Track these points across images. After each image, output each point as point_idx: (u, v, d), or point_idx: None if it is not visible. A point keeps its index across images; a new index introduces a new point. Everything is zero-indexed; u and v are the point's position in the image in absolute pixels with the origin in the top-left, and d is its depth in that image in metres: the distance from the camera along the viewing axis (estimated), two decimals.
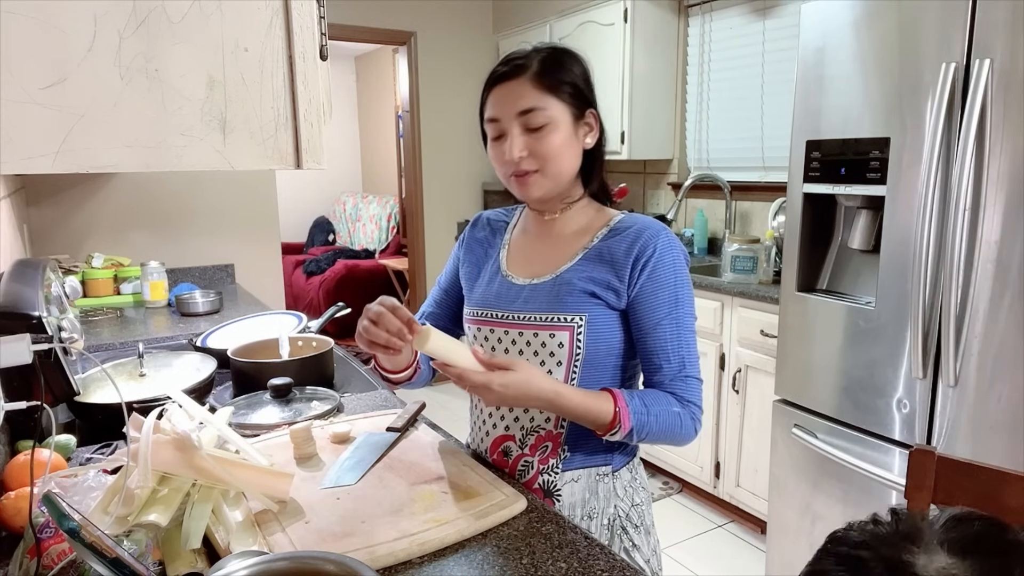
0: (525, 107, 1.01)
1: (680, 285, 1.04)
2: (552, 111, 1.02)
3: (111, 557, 0.66)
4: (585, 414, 0.99)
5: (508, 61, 1.04)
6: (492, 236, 1.21)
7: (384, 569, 0.81)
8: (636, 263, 1.03)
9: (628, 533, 1.08)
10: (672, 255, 1.04)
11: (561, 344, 1.04)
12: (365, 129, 6.94)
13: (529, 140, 1.02)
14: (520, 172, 1.04)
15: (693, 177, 3.22)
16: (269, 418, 1.24)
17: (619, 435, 0.99)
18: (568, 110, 1.03)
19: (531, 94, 1.01)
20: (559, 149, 1.03)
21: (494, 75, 1.04)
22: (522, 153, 1.02)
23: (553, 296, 1.05)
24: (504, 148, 1.03)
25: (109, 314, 2.36)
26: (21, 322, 0.96)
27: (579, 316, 1.03)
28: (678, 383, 1.03)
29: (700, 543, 2.60)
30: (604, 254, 1.05)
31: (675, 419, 1.01)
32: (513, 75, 1.02)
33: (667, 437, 1.02)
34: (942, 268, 1.60)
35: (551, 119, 1.02)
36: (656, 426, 1.00)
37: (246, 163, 0.90)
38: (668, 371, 1.04)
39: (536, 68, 1.02)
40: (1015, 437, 1.53)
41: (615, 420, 0.98)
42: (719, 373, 2.65)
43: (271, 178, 3.14)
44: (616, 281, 1.03)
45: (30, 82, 0.77)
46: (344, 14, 3.96)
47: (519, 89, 1.01)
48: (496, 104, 1.04)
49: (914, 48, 1.64)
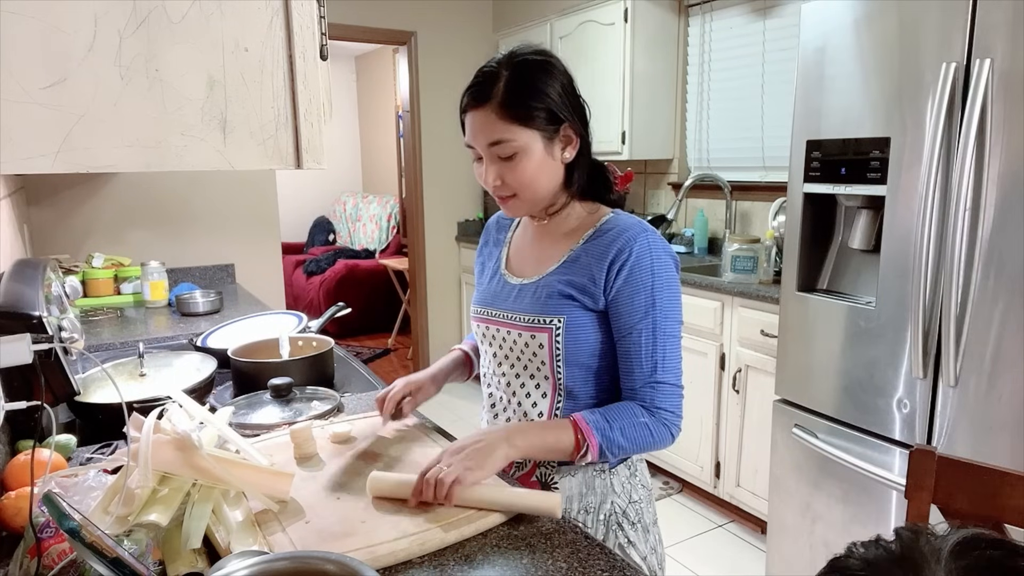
0: (492, 139, 1.00)
1: (659, 288, 1.02)
2: (520, 140, 0.99)
3: (111, 557, 0.66)
4: (545, 442, 0.99)
5: (474, 86, 1.02)
6: (498, 235, 1.24)
7: (384, 569, 0.81)
8: (612, 266, 1.02)
9: (624, 529, 1.09)
10: (651, 257, 1.02)
11: (541, 345, 1.05)
12: (365, 129, 6.94)
13: (501, 168, 1.02)
14: (499, 195, 1.06)
15: (693, 177, 3.22)
16: (269, 418, 1.24)
17: (590, 456, 0.99)
18: (539, 135, 1.00)
19: (497, 126, 0.99)
20: (532, 175, 1.02)
21: (463, 102, 1.04)
22: (496, 182, 1.03)
23: (535, 298, 1.07)
24: (482, 171, 1.05)
25: (109, 314, 2.36)
26: (21, 322, 0.96)
27: (557, 318, 1.03)
28: (647, 389, 1.02)
29: (700, 543, 2.60)
30: (582, 257, 1.05)
31: (643, 429, 1.00)
32: (479, 104, 1.00)
33: (640, 448, 1.02)
34: (942, 268, 1.59)
35: (519, 148, 1.00)
36: (624, 439, 0.99)
37: (246, 163, 0.90)
38: (639, 376, 1.02)
39: (501, 96, 0.98)
40: (1015, 437, 1.52)
41: (579, 442, 0.98)
42: (719, 373, 2.65)
43: (271, 178, 3.14)
44: (591, 284, 1.03)
45: (30, 82, 0.77)
46: (344, 14, 3.96)
47: (486, 120, 1.00)
48: (469, 131, 1.04)
49: (914, 48, 1.64)
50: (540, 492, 0.96)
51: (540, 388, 1.09)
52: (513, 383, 1.12)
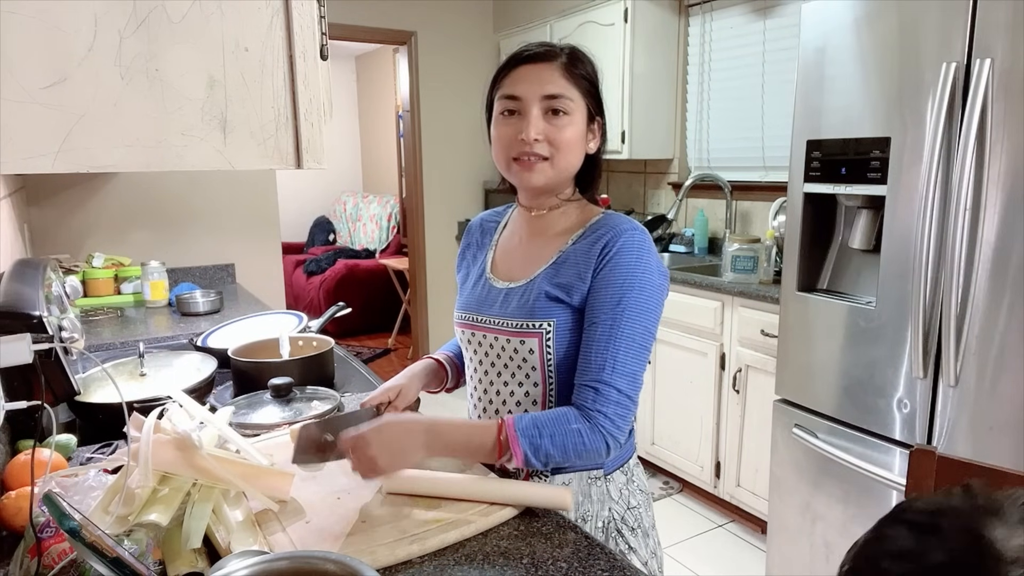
0: (553, 92, 1.00)
1: (630, 288, 0.97)
2: (575, 103, 1.02)
3: (112, 557, 0.66)
4: (466, 441, 0.96)
5: (535, 45, 1.04)
6: (482, 238, 1.21)
7: (384, 569, 0.81)
8: (596, 261, 1.00)
9: (624, 536, 1.07)
10: (632, 256, 0.98)
11: (532, 351, 1.03)
12: (365, 129, 6.94)
13: (547, 126, 1.01)
14: (527, 155, 1.01)
15: (693, 177, 3.22)
16: (269, 418, 1.24)
17: (514, 462, 0.93)
18: (586, 108, 1.04)
19: (560, 81, 1.01)
20: (572, 141, 1.02)
21: (522, 54, 1.03)
22: (538, 136, 1.00)
23: (523, 302, 1.04)
24: (518, 126, 1.01)
25: (109, 314, 2.36)
26: (22, 322, 0.96)
27: (547, 323, 1.01)
28: (588, 390, 0.95)
29: (700, 543, 2.60)
30: (572, 257, 1.03)
31: (575, 437, 0.93)
32: (544, 58, 1.02)
33: (573, 457, 0.95)
34: (942, 268, 1.59)
35: (573, 110, 1.02)
36: (554, 448, 0.93)
37: (246, 163, 0.90)
38: (585, 375, 0.96)
39: (565, 59, 1.02)
40: (1015, 437, 1.52)
41: (502, 447, 0.93)
42: (719, 373, 2.65)
43: (271, 178, 3.14)
44: (579, 282, 1.00)
45: (30, 82, 0.77)
46: (344, 14, 3.96)
47: (548, 73, 1.01)
48: (520, 82, 1.01)
49: (915, 48, 1.64)
50: (551, 486, 0.96)
51: (530, 396, 1.06)
52: (503, 391, 1.09)
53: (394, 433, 0.93)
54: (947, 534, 0.45)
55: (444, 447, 0.97)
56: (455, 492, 0.95)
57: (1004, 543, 0.43)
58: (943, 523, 0.46)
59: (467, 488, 0.95)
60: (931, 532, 0.46)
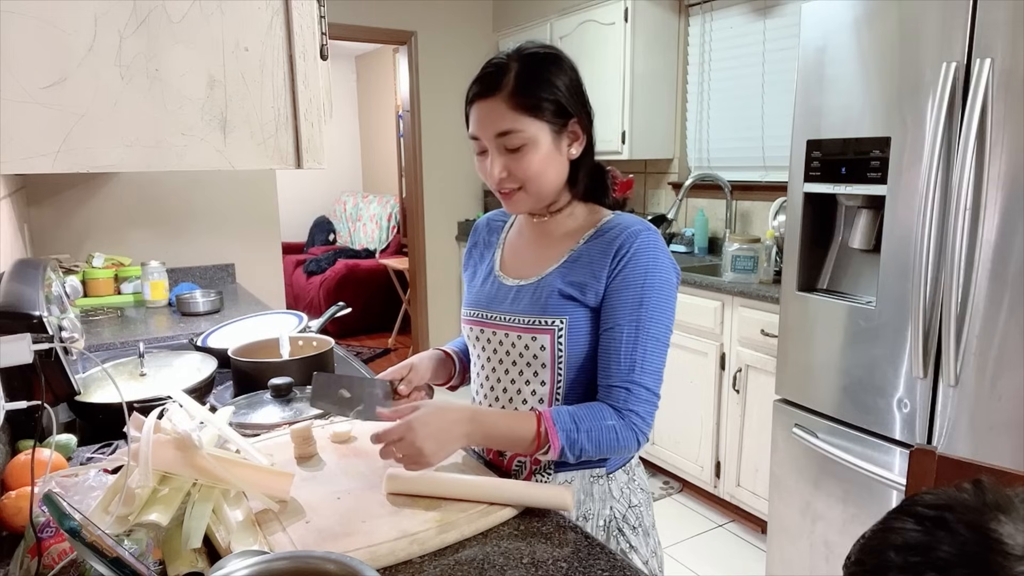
0: (501, 130, 0.98)
1: (650, 288, 0.99)
2: (529, 131, 0.98)
3: (112, 557, 0.66)
4: (508, 432, 0.97)
5: (483, 76, 1.01)
6: (490, 236, 1.22)
7: (384, 569, 0.81)
8: (613, 260, 1.00)
9: (625, 535, 1.08)
10: (648, 256, 1.00)
11: (543, 347, 1.03)
12: (365, 129, 6.94)
13: (508, 160, 1.00)
14: (503, 189, 1.03)
15: (693, 177, 3.22)
16: (269, 418, 1.24)
17: (550, 454, 0.96)
18: (547, 127, 0.99)
19: (507, 116, 0.97)
20: (539, 168, 1.00)
21: (470, 92, 1.02)
22: (502, 174, 1.01)
23: (535, 299, 1.04)
24: (486, 164, 1.02)
25: (109, 314, 2.36)
26: (22, 322, 0.96)
27: (559, 319, 1.02)
28: (620, 391, 0.98)
29: (700, 543, 2.60)
30: (584, 256, 1.04)
31: (610, 433, 0.97)
32: (488, 94, 0.99)
33: (606, 452, 0.99)
34: (942, 268, 1.59)
35: (528, 139, 0.98)
36: (589, 443, 0.96)
37: (246, 163, 0.90)
38: (615, 373, 0.99)
39: (512, 86, 0.97)
40: (1016, 437, 1.52)
41: (541, 439, 0.95)
42: (719, 373, 2.65)
43: (271, 178, 3.14)
44: (594, 281, 1.01)
45: (30, 82, 0.77)
46: (344, 14, 3.96)
47: (495, 110, 0.98)
48: (475, 123, 1.02)
49: (915, 48, 1.64)
50: (551, 487, 0.96)
51: (536, 394, 1.06)
52: (510, 388, 1.09)
53: (442, 423, 0.94)
54: (955, 528, 0.45)
55: (484, 437, 0.98)
56: (455, 492, 0.95)
57: (1012, 538, 0.44)
58: (952, 517, 0.46)
59: (467, 488, 0.95)
60: (939, 526, 0.46)
